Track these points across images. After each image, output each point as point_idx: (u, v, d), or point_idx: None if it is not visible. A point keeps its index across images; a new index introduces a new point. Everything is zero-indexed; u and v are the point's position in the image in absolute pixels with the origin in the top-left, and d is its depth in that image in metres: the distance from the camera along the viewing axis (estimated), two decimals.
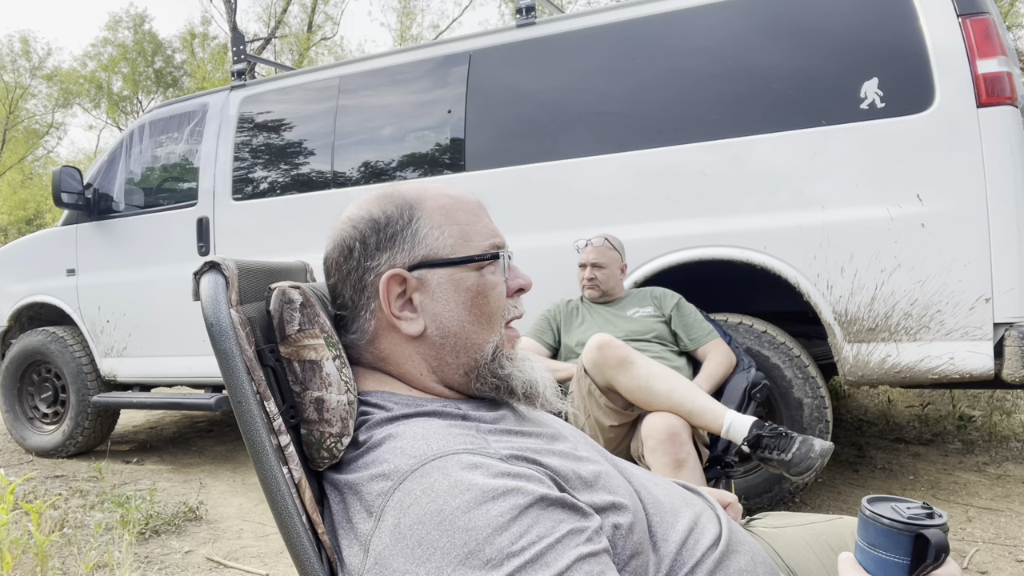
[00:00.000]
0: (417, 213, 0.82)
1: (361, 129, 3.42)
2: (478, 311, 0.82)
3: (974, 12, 2.36)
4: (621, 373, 1.92)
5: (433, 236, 0.81)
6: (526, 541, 0.61)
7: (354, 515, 0.69)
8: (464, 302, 0.81)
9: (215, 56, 22.17)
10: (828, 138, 2.52)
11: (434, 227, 0.82)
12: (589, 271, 2.59)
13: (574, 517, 0.65)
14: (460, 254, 0.81)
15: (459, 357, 0.82)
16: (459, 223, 0.83)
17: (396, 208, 0.83)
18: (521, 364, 0.85)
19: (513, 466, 0.68)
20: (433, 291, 0.81)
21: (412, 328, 0.81)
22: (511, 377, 0.83)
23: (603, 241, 2.60)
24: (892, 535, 0.69)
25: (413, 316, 0.81)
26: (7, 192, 27.51)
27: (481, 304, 0.82)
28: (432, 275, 0.81)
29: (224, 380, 0.76)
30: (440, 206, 0.83)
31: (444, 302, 0.81)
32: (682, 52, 2.79)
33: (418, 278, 0.81)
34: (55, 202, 3.94)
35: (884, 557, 0.69)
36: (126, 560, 2.35)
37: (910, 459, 3.35)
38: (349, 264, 0.83)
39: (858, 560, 0.72)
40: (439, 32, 20.68)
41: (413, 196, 0.84)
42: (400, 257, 0.81)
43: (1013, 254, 2.30)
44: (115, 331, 3.99)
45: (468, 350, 0.82)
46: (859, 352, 2.50)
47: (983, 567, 2.21)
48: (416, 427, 0.72)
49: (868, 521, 0.71)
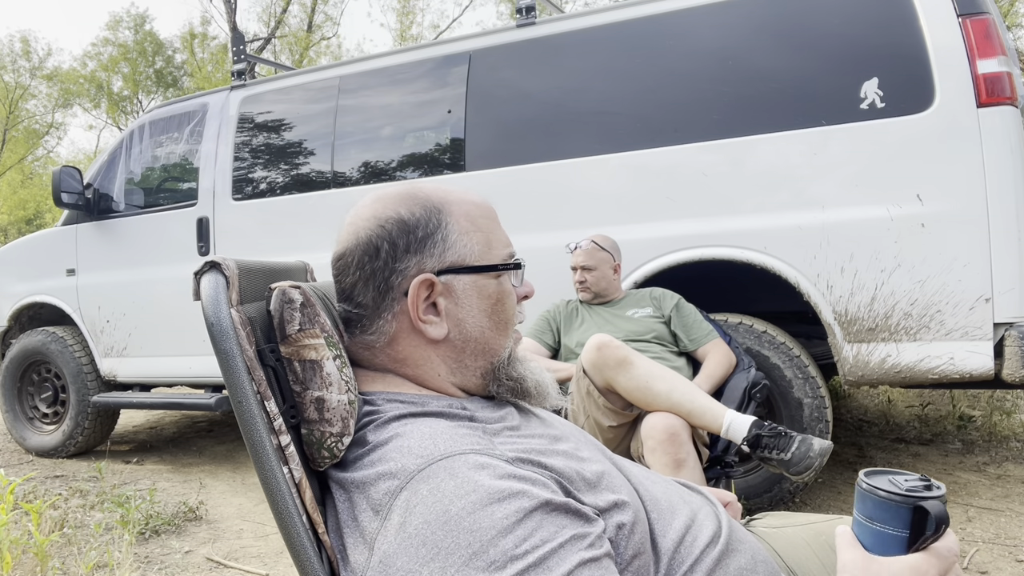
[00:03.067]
0: (445, 218, 0.82)
1: (361, 129, 3.42)
2: (497, 317, 0.84)
3: (974, 12, 2.36)
4: (620, 373, 1.92)
5: (462, 243, 0.82)
6: (530, 544, 0.61)
7: (360, 513, 0.69)
8: (485, 308, 0.83)
9: (215, 56, 22.17)
10: (828, 138, 2.52)
11: (462, 233, 0.82)
12: (579, 274, 2.59)
13: (577, 522, 0.66)
14: (485, 261, 0.83)
15: (477, 360, 0.84)
16: (483, 230, 0.84)
17: (424, 211, 0.82)
18: (529, 365, 0.88)
19: (519, 468, 0.68)
20: (458, 297, 0.82)
21: (436, 332, 0.81)
22: (524, 379, 0.85)
23: (590, 243, 2.59)
24: (890, 507, 0.68)
25: (437, 320, 0.81)
26: (7, 192, 27.51)
27: (500, 310, 0.84)
28: (458, 281, 0.81)
29: (224, 380, 0.76)
30: (466, 212, 0.84)
31: (468, 308, 0.82)
32: (682, 52, 2.79)
33: (444, 283, 0.81)
34: (55, 202, 3.94)
35: (882, 530, 0.68)
36: (126, 560, 2.35)
37: (910, 459, 3.36)
38: (375, 264, 0.81)
39: (855, 534, 0.71)
40: (439, 32, 20.68)
41: (439, 199, 0.83)
42: (430, 262, 0.81)
43: (1013, 254, 2.30)
44: (115, 331, 3.99)
45: (487, 354, 0.84)
46: (859, 352, 2.50)
47: (983, 567, 2.21)
48: (423, 427, 0.72)
49: (865, 494, 0.69)
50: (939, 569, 0.67)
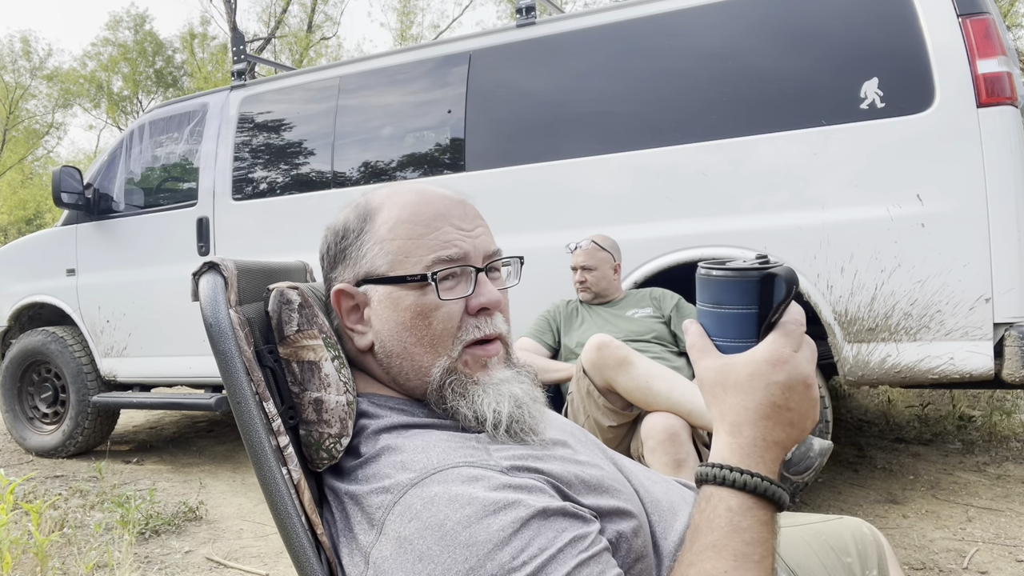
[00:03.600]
0: (367, 226, 0.80)
1: (361, 129, 3.42)
2: (419, 332, 0.77)
3: (974, 12, 2.36)
4: (620, 373, 1.92)
5: (373, 252, 0.79)
6: (527, 555, 0.60)
7: (355, 525, 0.69)
8: (403, 322, 0.77)
9: (215, 56, 22.17)
10: (828, 138, 2.52)
11: (376, 242, 0.79)
12: (579, 274, 2.59)
13: (576, 524, 0.65)
14: (396, 272, 0.77)
15: (410, 380, 0.78)
16: (401, 238, 0.78)
17: (356, 219, 0.82)
18: (487, 391, 0.76)
19: (514, 477, 0.67)
20: (375, 308, 0.80)
21: (361, 342, 0.81)
22: (456, 412, 0.75)
23: (590, 243, 2.59)
24: (737, 284, 0.63)
25: (365, 330, 0.81)
26: (7, 192, 27.51)
27: (421, 325, 0.77)
28: (375, 291, 0.79)
29: (223, 381, 0.76)
30: (391, 218, 0.79)
31: (384, 320, 0.79)
32: (682, 52, 2.78)
33: (365, 292, 0.80)
34: (55, 202, 3.94)
35: (729, 311, 0.64)
36: (126, 560, 2.35)
37: (910, 459, 3.35)
38: (323, 273, 0.87)
39: (703, 325, 0.68)
40: (439, 32, 20.68)
41: (374, 206, 0.81)
42: (348, 272, 0.82)
43: (1013, 254, 2.29)
44: (115, 331, 3.99)
45: (416, 372, 0.78)
46: (859, 352, 2.49)
47: (983, 567, 2.21)
48: (417, 440, 0.72)
49: (709, 278, 0.65)
50: (792, 347, 0.64)
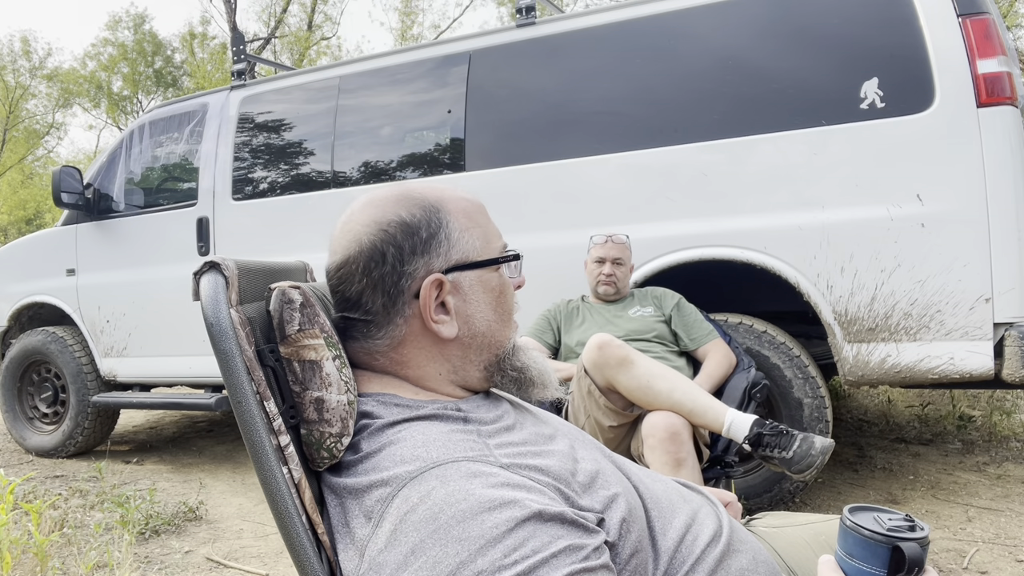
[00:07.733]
0: (445, 217, 0.82)
1: (361, 129, 3.42)
2: (501, 309, 0.85)
3: (974, 12, 2.36)
4: (621, 373, 1.92)
5: (464, 240, 0.82)
6: (519, 555, 0.60)
7: (352, 520, 0.69)
8: (490, 302, 0.84)
9: (215, 56, 22.16)
10: (828, 138, 2.52)
11: (463, 230, 0.83)
12: (608, 267, 2.55)
13: (574, 533, 0.64)
14: (487, 256, 0.84)
15: (482, 354, 0.84)
16: (480, 225, 0.85)
17: (424, 211, 0.82)
18: (530, 354, 0.89)
19: (514, 475, 0.67)
20: (465, 294, 0.82)
21: (448, 331, 0.81)
22: (528, 368, 0.86)
23: (624, 237, 2.59)
24: (870, 546, 0.69)
25: (448, 319, 0.81)
26: (7, 192, 27.50)
27: (503, 302, 0.85)
28: (464, 278, 0.82)
29: (224, 380, 0.76)
30: (462, 209, 0.84)
31: (476, 303, 0.83)
32: (682, 52, 2.78)
33: (452, 281, 0.81)
34: (55, 202, 3.94)
35: (860, 567, 0.69)
36: (126, 560, 2.35)
37: (910, 459, 3.35)
38: (382, 269, 0.80)
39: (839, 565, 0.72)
40: (440, 32, 20.68)
41: (435, 199, 0.84)
42: (437, 262, 0.81)
43: (1013, 254, 2.30)
44: (115, 331, 3.99)
45: (492, 347, 0.85)
46: (859, 352, 2.50)
47: (983, 567, 2.21)
48: (417, 432, 0.72)
49: (848, 531, 0.71)
50: None
